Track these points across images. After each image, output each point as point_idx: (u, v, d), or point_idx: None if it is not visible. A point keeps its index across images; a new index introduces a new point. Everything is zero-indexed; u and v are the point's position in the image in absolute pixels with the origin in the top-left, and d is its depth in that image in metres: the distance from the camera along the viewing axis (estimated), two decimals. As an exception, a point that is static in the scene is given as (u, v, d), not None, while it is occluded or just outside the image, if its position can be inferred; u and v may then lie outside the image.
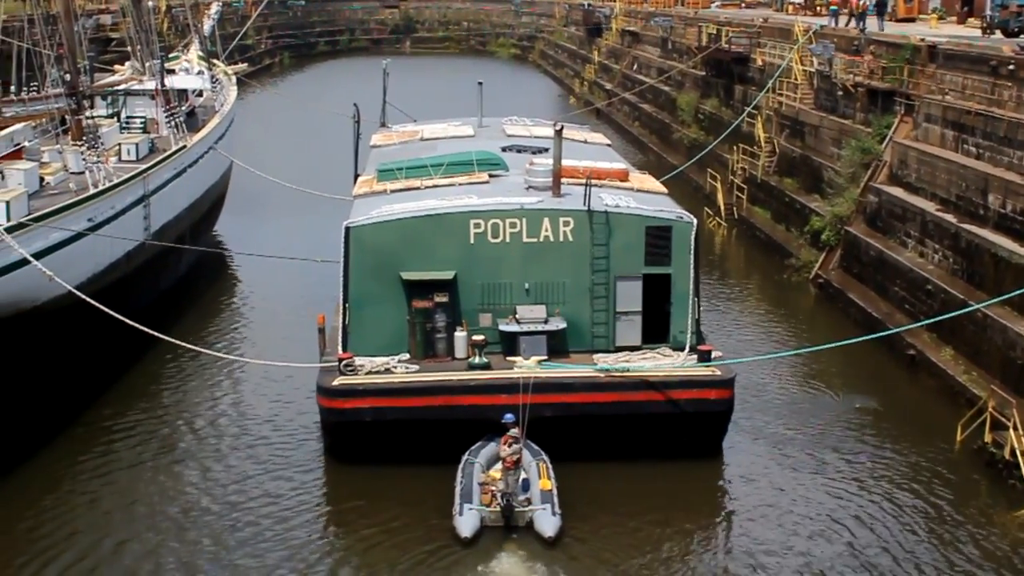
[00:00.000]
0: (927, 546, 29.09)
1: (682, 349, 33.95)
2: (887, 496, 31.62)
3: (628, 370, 32.80)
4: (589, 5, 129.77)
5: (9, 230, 34.03)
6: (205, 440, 35.12)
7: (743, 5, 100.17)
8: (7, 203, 36.48)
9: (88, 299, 34.67)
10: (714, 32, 74.81)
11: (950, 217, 41.51)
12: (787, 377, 39.98)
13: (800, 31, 62.04)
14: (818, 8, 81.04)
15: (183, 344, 37.06)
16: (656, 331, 34.43)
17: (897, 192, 45.96)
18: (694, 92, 78.79)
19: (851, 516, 30.44)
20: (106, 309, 34.14)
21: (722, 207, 63.35)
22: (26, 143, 46.03)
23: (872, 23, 60.95)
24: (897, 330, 39.90)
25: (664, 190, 39.24)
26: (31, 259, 34.05)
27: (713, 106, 73.44)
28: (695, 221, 34.83)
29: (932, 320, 37.98)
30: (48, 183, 42.22)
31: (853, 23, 62.68)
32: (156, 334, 34.97)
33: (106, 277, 39.77)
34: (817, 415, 36.94)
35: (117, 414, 36.65)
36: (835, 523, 30.09)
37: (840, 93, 55.01)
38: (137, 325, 34.43)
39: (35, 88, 50.00)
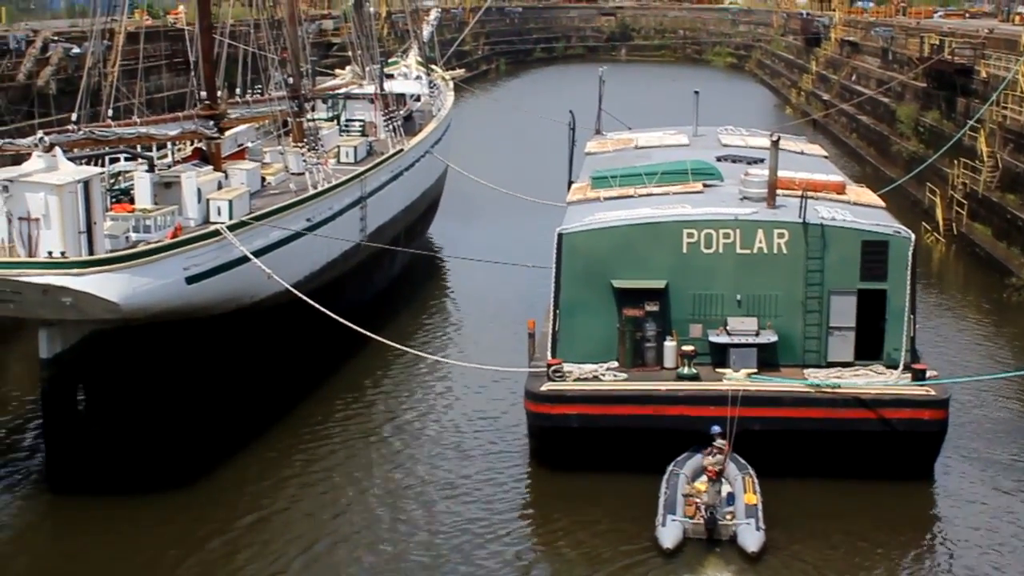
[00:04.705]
0: None
1: (896, 367, 33.17)
2: (1109, 527, 30.47)
3: (839, 386, 32.21)
4: (808, 14, 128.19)
5: (231, 228, 35.07)
6: (411, 437, 35.65)
7: (967, 15, 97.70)
8: (230, 202, 37.49)
9: (304, 297, 35.52)
10: (937, 43, 73.16)
11: None
12: (1004, 399, 38.76)
13: (1028, 43, 60.32)
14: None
15: (394, 344, 37.73)
16: (869, 347, 33.76)
17: None
18: (914, 104, 77.17)
19: (1069, 546, 29.40)
20: (320, 307, 34.93)
21: (941, 222, 61.84)
22: (249, 144, 47.36)
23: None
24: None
25: (881, 204, 38.50)
26: (251, 256, 35.06)
27: (934, 118, 71.79)
28: (913, 236, 34.10)
29: None
30: (269, 183, 43.35)
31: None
32: (368, 333, 35.68)
33: (322, 276, 40.61)
34: (1035, 440, 35.83)
35: (328, 409, 37.43)
36: (1052, 553, 29.10)
37: (1068, 108, 53.33)
38: (350, 324, 35.18)
39: (259, 91, 51.37)
